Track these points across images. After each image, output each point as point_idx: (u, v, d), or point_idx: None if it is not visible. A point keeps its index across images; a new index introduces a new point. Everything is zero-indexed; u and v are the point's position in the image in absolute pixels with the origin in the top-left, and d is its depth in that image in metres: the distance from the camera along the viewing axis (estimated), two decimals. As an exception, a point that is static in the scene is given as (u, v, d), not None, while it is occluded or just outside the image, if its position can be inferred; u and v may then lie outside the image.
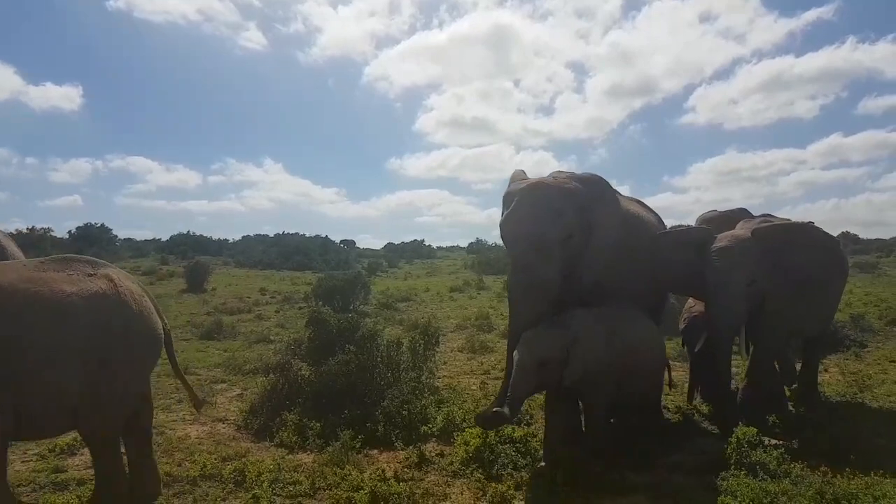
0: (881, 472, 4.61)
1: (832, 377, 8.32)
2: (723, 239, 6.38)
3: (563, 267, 5.13)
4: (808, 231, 6.78)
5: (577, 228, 5.15)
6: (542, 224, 5.01)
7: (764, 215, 7.32)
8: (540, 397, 6.25)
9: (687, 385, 7.38)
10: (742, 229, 6.63)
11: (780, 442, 5.37)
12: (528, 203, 5.10)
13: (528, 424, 6.16)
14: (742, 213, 7.52)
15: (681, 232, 6.84)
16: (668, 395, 7.01)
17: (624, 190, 6.75)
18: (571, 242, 5.13)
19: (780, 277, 6.26)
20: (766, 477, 4.56)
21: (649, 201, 6.97)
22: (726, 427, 5.84)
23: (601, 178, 5.62)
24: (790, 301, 6.33)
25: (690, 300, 7.56)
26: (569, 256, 5.15)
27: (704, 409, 6.91)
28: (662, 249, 6.30)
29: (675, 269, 6.38)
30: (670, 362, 6.56)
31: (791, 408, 6.84)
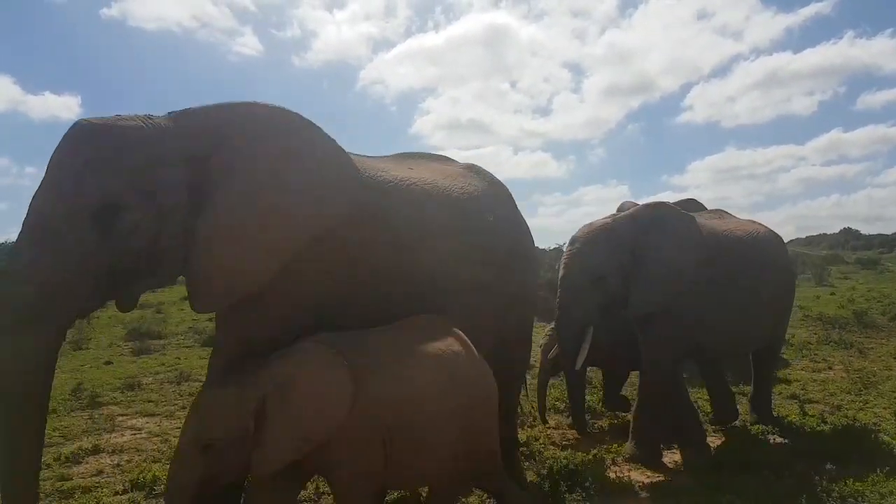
0: (887, 469, 4.60)
1: (836, 374, 8.31)
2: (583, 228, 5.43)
3: (104, 283, 2.84)
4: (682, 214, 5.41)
5: (127, 208, 2.82)
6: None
7: (716, 211, 6.38)
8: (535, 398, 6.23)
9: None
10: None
11: (785, 440, 5.37)
12: None
13: (531, 427, 6.14)
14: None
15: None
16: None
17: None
18: (120, 232, 2.82)
19: (643, 273, 5.15)
20: (770, 475, 4.56)
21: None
22: None
23: (247, 109, 3.20)
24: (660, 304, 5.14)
25: None
26: (123, 259, 2.85)
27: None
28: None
29: None
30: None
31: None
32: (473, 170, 4.58)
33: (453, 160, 4.75)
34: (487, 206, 4.27)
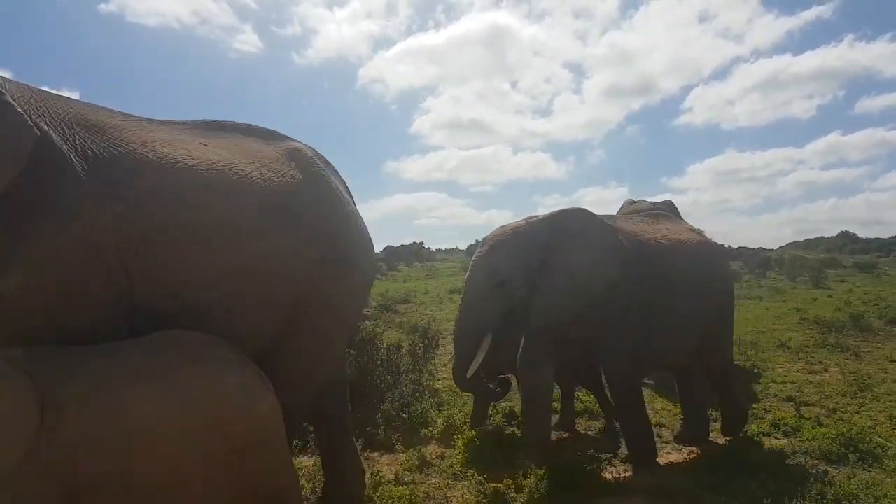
0: (882, 472, 4.61)
1: (832, 377, 8.32)
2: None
3: None
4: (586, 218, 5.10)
5: None
6: None
7: (655, 214, 5.97)
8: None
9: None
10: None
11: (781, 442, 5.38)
12: None
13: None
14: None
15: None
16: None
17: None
18: None
19: (551, 279, 4.79)
20: (766, 477, 4.57)
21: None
22: None
23: None
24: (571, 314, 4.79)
25: None
26: None
27: None
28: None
29: None
30: None
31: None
32: (296, 156, 3.63)
33: (282, 139, 3.78)
34: (298, 203, 3.38)
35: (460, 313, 5.04)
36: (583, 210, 5.18)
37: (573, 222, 5.02)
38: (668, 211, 7.18)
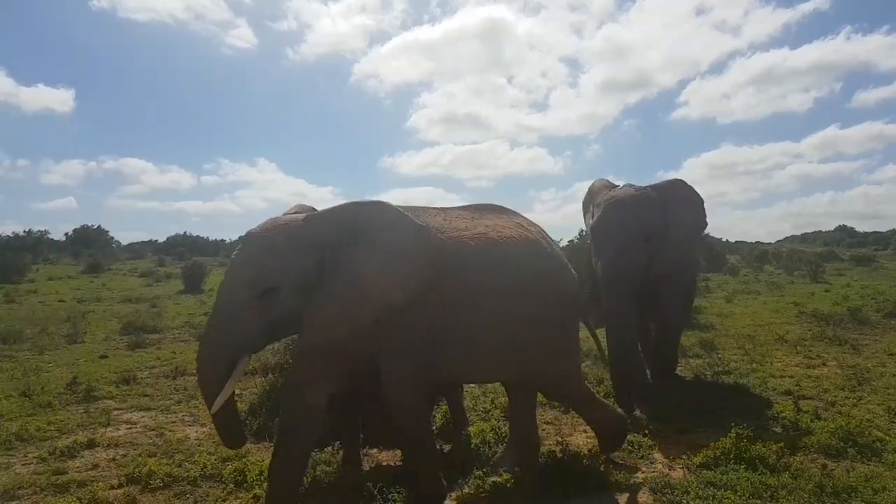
0: (880, 465, 4.63)
1: (830, 371, 8.35)
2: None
3: None
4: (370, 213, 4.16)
5: None
6: None
7: (470, 207, 4.88)
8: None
9: None
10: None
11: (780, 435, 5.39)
12: None
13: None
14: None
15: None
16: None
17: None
18: None
19: (331, 286, 3.90)
20: (765, 471, 4.59)
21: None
22: None
23: None
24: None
25: None
26: None
27: None
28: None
29: None
30: None
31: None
32: None
33: None
34: None
35: (211, 326, 3.94)
36: (378, 203, 4.25)
37: (364, 217, 4.12)
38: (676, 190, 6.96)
